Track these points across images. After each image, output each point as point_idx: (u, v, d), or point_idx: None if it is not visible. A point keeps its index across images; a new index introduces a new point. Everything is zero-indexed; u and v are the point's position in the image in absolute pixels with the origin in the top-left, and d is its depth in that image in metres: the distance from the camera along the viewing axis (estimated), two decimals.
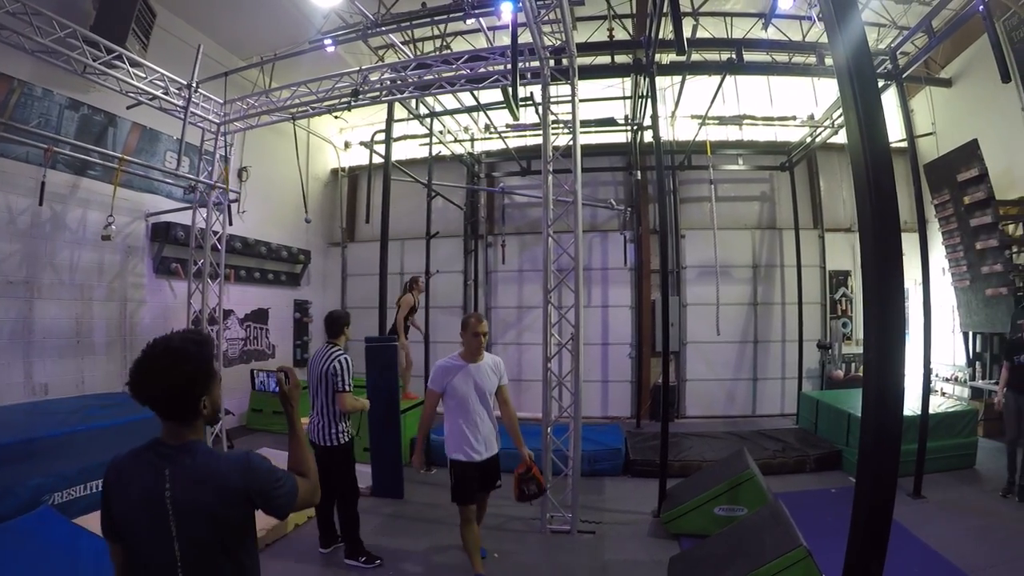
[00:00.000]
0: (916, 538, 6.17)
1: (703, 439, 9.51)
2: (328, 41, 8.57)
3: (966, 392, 11.27)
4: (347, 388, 5.52)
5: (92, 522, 4.82)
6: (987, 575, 5.31)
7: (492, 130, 12.01)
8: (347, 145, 14.35)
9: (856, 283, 13.05)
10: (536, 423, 6.92)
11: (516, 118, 6.71)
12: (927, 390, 7.73)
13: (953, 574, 5.39)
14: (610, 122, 11.95)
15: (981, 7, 6.72)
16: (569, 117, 6.88)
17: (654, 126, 7.34)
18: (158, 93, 7.97)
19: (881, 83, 9.02)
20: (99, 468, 5.85)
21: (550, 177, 6.64)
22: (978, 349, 11.33)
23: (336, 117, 13.08)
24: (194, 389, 2.02)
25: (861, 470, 2.84)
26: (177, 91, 8.24)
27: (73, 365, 8.32)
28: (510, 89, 6.00)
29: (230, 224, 9.56)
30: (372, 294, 8.77)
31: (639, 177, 12.48)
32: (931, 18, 7.86)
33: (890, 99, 8.91)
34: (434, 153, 11.15)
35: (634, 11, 10.08)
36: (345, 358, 5.59)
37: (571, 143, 6.78)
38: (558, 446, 6.65)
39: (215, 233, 9.31)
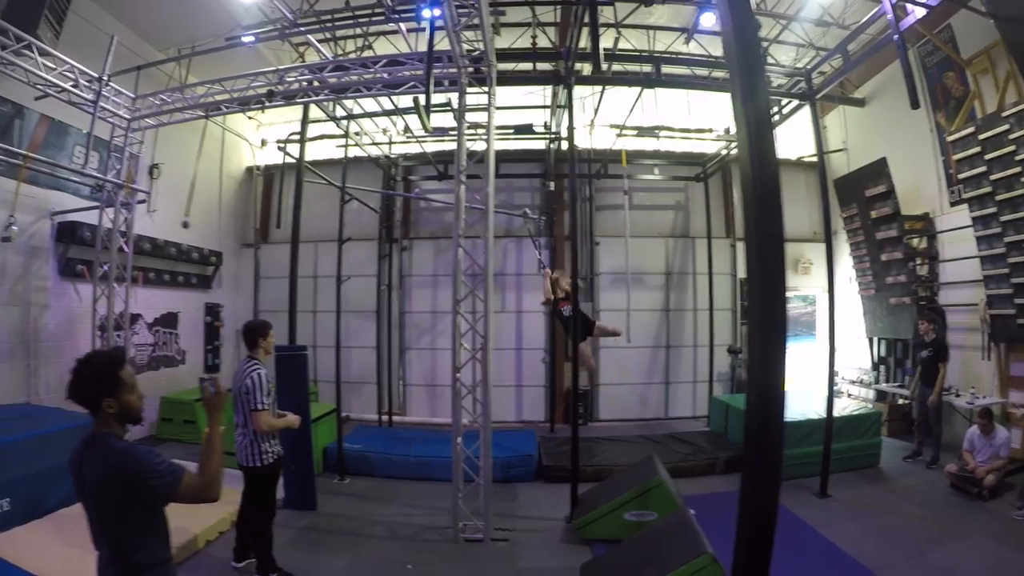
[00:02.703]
0: (822, 537, 6.42)
1: (616, 443, 9.64)
2: (250, 38, 8.40)
3: (871, 394, 11.88)
4: (260, 407, 5.08)
5: None
6: (890, 572, 5.54)
7: (410, 134, 11.90)
8: (263, 143, 13.91)
9: None
10: (450, 429, 6.85)
11: (426, 128, 6.63)
12: (831, 393, 8.09)
13: (858, 571, 5.62)
14: (528, 129, 12.01)
15: (896, 36, 7.04)
16: (486, 124, 6.87)
17: (569, 135, 7.40)
18: (67, 86, 7.60)
19: (795, 102, 9.35)
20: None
21: (462, 186, 6.61)
22: (882, 354, 11.98)
23: (250, 117, 12.77)
24: (93, 391, 2.54)
25: (746, 470, 2.88)
26: (87, 83, 7.86)
27: None
28: (421, 99, 5.95)
29: (125, 225, 9.11)
30: (286, 297, 8.50)
31: (552, 187, 12.57)
32: (848, 42, 8.19)
33: (805, 116, 9.28)
34: (351, 155, 10.96)
35: (557, 20, 10.15)
36: (258, 374, 5.14)
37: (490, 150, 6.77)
38: (468, 455, 6.61)
39: (122, 234, 8.93)
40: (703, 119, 13.26)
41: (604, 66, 8.28)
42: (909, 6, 7.00)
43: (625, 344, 12.23)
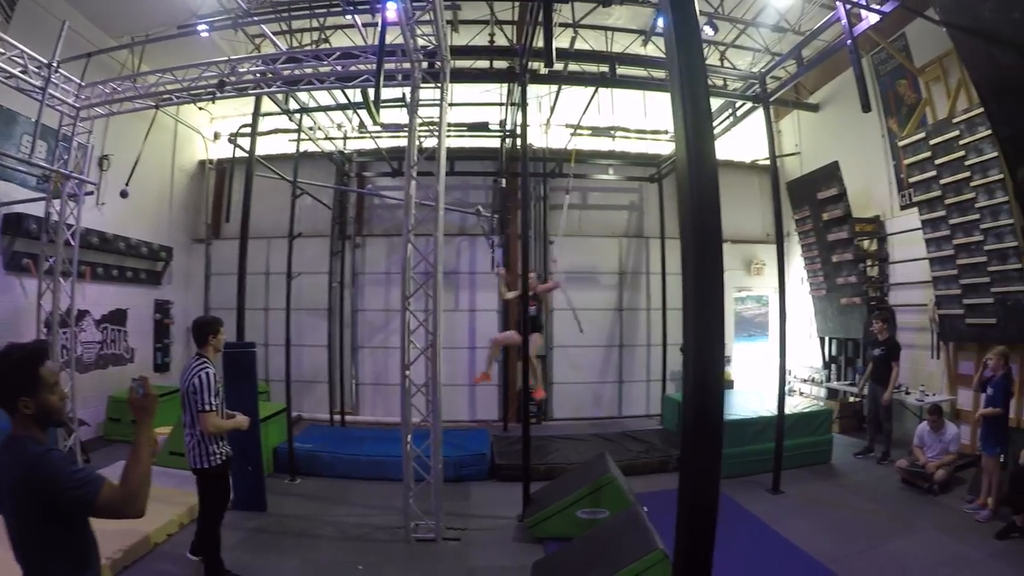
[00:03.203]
0: (775, 532, 6.53)
1: (569, 442, 9.67)
2: (203, 27, 8.21)
3: (823, 392, 12.13)
4: (207, 407, 4.89)
5: None
6: (843, 565, 5.62)
7: (365, 129, 11.77)
8: (216, 136, 13.55)
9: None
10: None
11: (376, 122, 6.56)
12: (783, 391, 8.23)
13: (811, 565, 5.71)
14: (483, 127, 11.98)
15: (849, 41, 7.23)
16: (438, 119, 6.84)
17: (522, 133, 7.40)
18: (16, 72, 7.29)
19: (748, 105, 9.46)
20: None
21: (413, 181, 6.55)
22: (834, 353, 12.24)
23: (201, 108, 12.46)
24: (9, 389, 2.34)
25: (683, 465, 2.88)
26: (36, 70, 7.54)
27: None
28: (371, 92, 5.87)
29: (73, 217, 8.76)
30: (237, 293, 8.33)
31: (503, 184, 12.53)
32: (802, 47, 8.30)
33: (759, 120, 9.39)
34: (304, 150, 10.72)
35: (515, 18, 10.14)
36: (206, 373, 4.95)
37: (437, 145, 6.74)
38: (419, 454, 6.55)
39: (69, 227, 8.65)
40: (659, 120, 13.39)
41: (560, 65, 8.31)
42: (863, 12, 7.10)
43: (580, 343, 12.32)
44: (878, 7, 6.86)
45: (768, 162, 11.03)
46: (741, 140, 12.91)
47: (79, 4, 9.39)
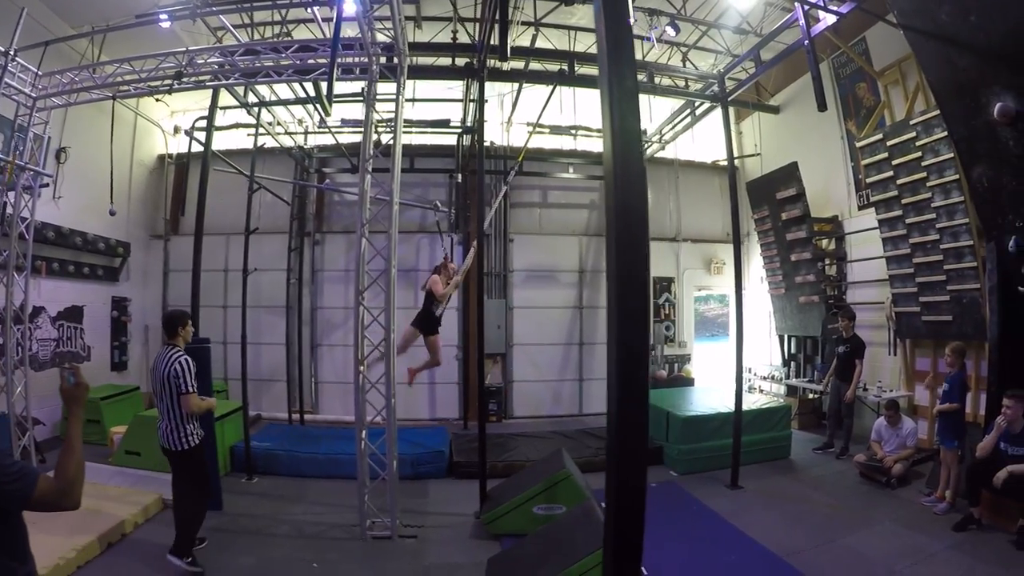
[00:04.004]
0: (732, 526, 6.61)
1: (529, 439, 9.72)
2: (164, 17, 8.08)
3: (783, 389, 12.28)
4: (190, 389, 5.32)
5: None
6: (800, 558, 5.69)
7: (325, 125, 11.66)
8: (176, 130, 13.39)
9: (679, 289, 13.92)
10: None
11: (328, 115, 6.54)
12: (740, 387, 8.32)
13: (768, 559, 5.78)
14: (443, 124, 12.00)
15: (806, 42, 7.43)
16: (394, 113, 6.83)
17: (479, 131, 7.40)
18: None
19: (707, 104, 9.56)
20: None
21: (368, 176, 6.54)
22: (793, 351, 12.45)
23: (158, 100, 12.24)
24: None
25: (609, 457, 2.87)
26: None
27: None
28: (324, 85, 5.84)
29: (27, 210, 8.58)
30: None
31: (459, 180, 12.53)
32: (760, 48, 8.42)
33: (719, 121, 9.50)
34: (263, 145, 10.63)
35: (476, 15, 10.16)
36: (185, 359, 5.39)
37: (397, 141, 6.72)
38: (374, 450, 6.51)
39: (23, 220, 8.45)
40: None
41: (520, 63, 8.34)
42: (820, 14, 7.23)
43: (540, 341, 12.47)
44: (835, 8, 6.99)
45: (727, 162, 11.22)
46: (702, 141, 13.07)
47: None
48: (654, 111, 13.05)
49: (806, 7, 7.19)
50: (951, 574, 5.41)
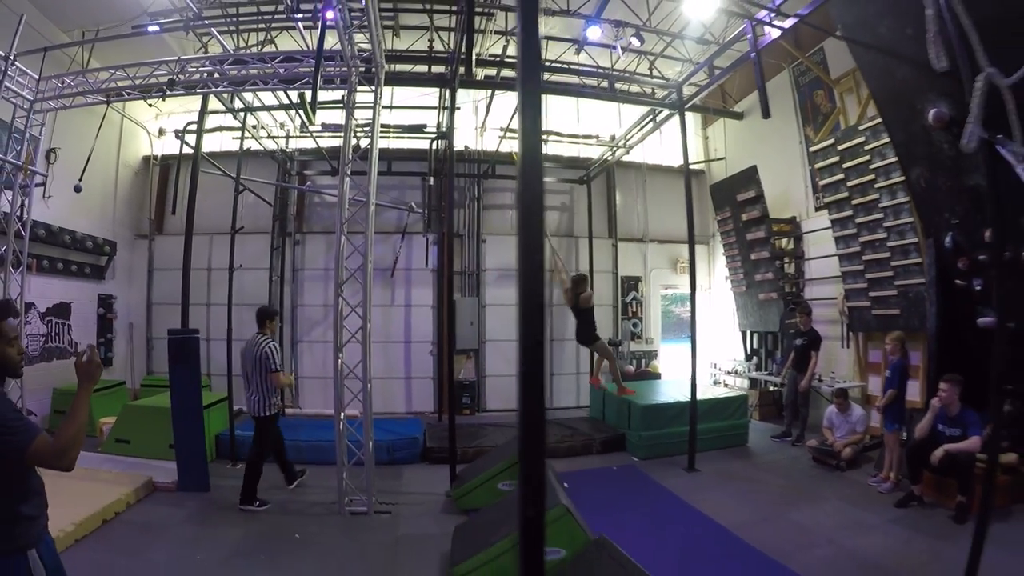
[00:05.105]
0: (685, 503, 7.06)
1: (499, 428, 10.15)
2: (155, 27, 8.46)
3: (746, 383, 12.73)
4: (277, 368, 6.92)
5: None
6: (746, 531, 6.09)
7: (306, 129, 12.00)
8: (162, 132, 13.62)
9: (646, 287, 14.41)
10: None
11: (311, 123, 7.01)
12: (695, 374, 8.79)
13: (715, 530, 6.24)
14: (419, 128, 12.41)
15: (753, 54, 8.00)
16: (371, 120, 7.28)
17: (449, 136, 7.84)
18: None
19: (666, 112, 10.04)
20: None
21: (348, 179, 6.98)
22: (755, 346, 12.94)
23: (151, 105, 12.57)
24: None
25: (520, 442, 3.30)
26: None
27: None
28: (308, 94, 6.29)
29: (22, 209, 8.93)
30: (179, 289, 8.43)
31: (431, 183, 12.86)
32: (715, 58, 8.90)
33: (689, 127, 9.94)
34: (248, 148, 10.97)
35: (452, 25, 10.60)
36: (273, 344, 7.08)
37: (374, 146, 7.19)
38: (352, 431, 6.98)
39: (19, 219, 8.76)
40: (590, 126, 14.03)
41: (492, 71, 8.77)
42: (767, 28, 7.75)
43: (511, 337, 12.72)
44: (779, 24, 7.51)
45: (696, 166, 11.70)
46: (670, 145, 13.55)
47: None
48: (625, 116, 13.44)
49: (753, 22, 7.73)
50: (888, 544, 5.75)
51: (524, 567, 2.85)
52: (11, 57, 7.81)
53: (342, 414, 6.77)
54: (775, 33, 7.72)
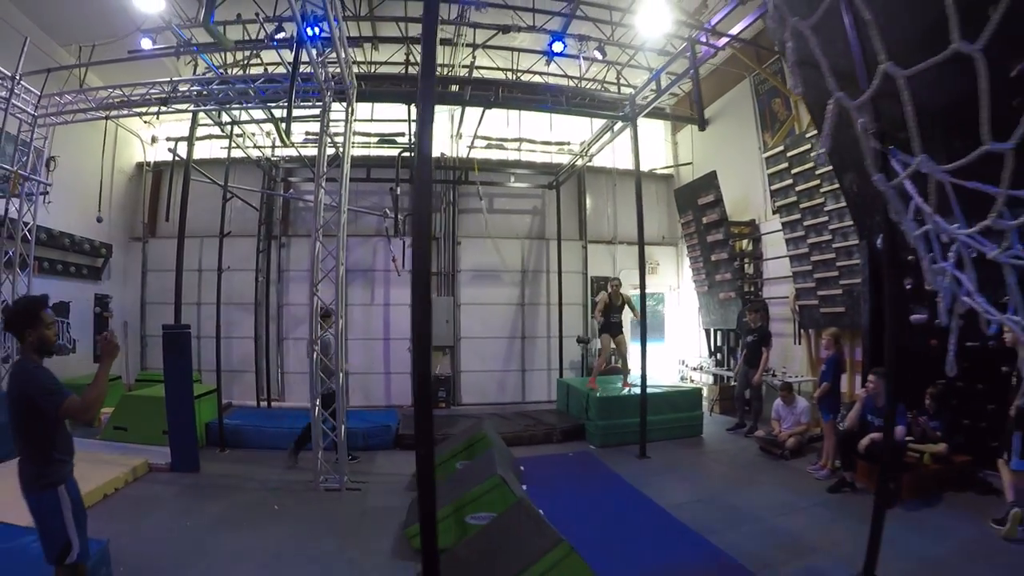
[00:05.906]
0: (630, 485, 7.63)
1: (469, 419, 10.54)
2: (148, 43, 9.06)
3: (710, 379, 13.31)
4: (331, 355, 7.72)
5: None
6: (680, 510, 6.62)
7: (288, 138, 12.63)
8: (154, 140, 14.18)
9: None
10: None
11: (286, 144, 7.71)
12: (644, 364, 9.23)
13: (652, 509, 6.79)
14: (390, 140, 13.18)
15: (692, 71, 8.78)
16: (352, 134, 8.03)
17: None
18: None
19: (620, 123, 10.68)
20: None
21: (322, 189, 7.74)
22: (718, 343, 13.45)
23: (147, 122, 13.17)
24: (20, 322, 3.52)
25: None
26: (0, 82, 8.43)
27: None
28: (284, 118, 7.03)
29: (28, 215, 9.60)
30: (171, 289, 9.19)
31: (398, 191, 13.10)
32: (660, 73, 9.47)
33: (658, 135, 10.45)
34: (234, 156, 11.55)
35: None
36: (330, 336, 7.84)
37: (351, 156, 7.96)
38: (327, 416, 7.73)
39: (25, 224, 9.44)
40: (562, 134, 14.70)
41: (456, 87, 9.47)
42: (702, 46, 8.53)
43: (485, 334, 13.60)
44: (713, 43, 8.27)
45: (665, 171, 12.24)
46: (640, 151, 14.15)
47: (30, 11, 10.07)
48: (595, 125, 13.88)
49: (692, 41, 8.56)
50: (811, 524, 6.18)
51: (420, 496, 3.57)
52: (17, 77, 8.49)
53: (317, 401, 7.48)
54: (708, 50, 8.48)
